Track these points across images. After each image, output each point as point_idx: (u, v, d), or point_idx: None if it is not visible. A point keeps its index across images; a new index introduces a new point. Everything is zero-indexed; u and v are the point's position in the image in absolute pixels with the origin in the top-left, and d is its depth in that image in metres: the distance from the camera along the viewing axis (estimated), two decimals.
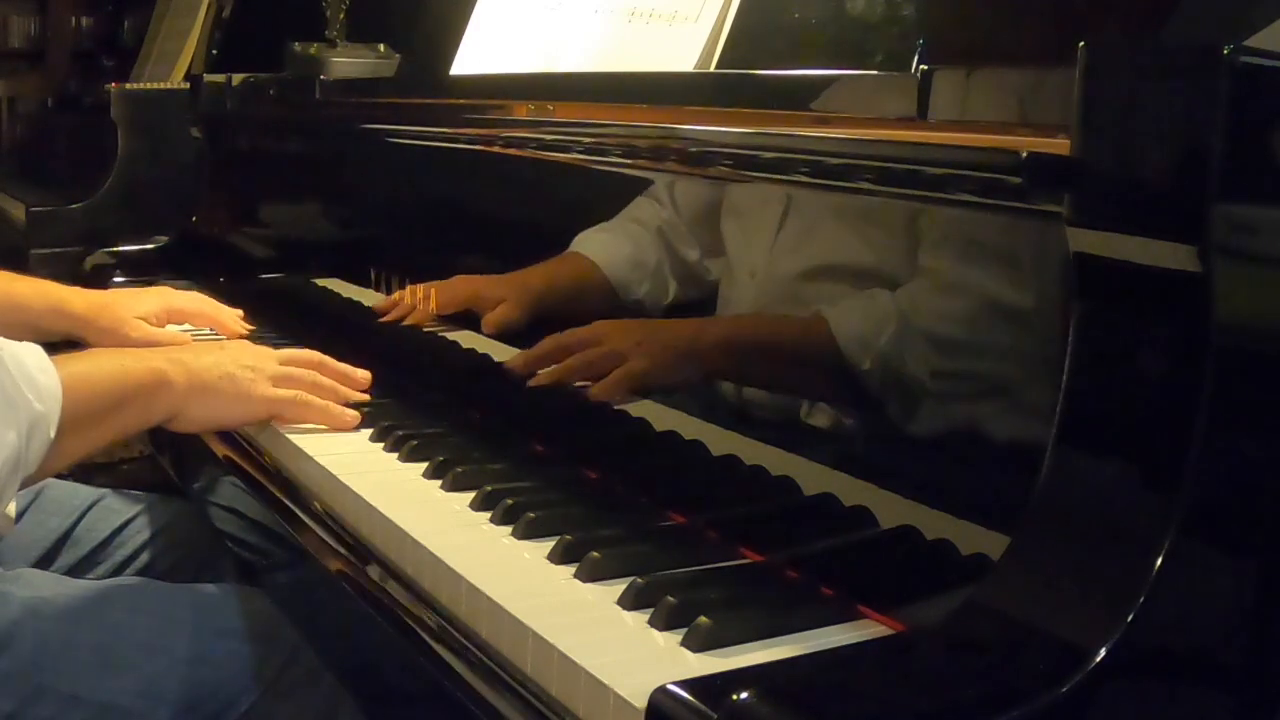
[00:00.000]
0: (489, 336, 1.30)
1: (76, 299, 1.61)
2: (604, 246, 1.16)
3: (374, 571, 0.98)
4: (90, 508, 1.50)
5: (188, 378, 1.19)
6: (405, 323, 1.47)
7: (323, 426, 1.24)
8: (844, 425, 0.90)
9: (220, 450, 1.32)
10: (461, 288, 1.38)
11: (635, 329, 1.12)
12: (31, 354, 1.06)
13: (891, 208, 0.85)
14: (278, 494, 1.18)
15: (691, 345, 1.07)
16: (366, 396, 1.30)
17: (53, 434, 1.04)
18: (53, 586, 1.21)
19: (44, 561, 1.43)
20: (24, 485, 1.06)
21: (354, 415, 1.25)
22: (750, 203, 1.00)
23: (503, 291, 1.30)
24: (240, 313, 1.71)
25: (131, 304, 1.62)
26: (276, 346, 1.35)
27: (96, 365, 1.15)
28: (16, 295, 1.60)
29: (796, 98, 0.99)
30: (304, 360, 1.29)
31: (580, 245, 1.18)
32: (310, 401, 1.24)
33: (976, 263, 0.81)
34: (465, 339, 1.35)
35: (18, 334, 1.60)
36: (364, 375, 1.32)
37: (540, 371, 1.18)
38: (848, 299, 0.90)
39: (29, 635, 1.10)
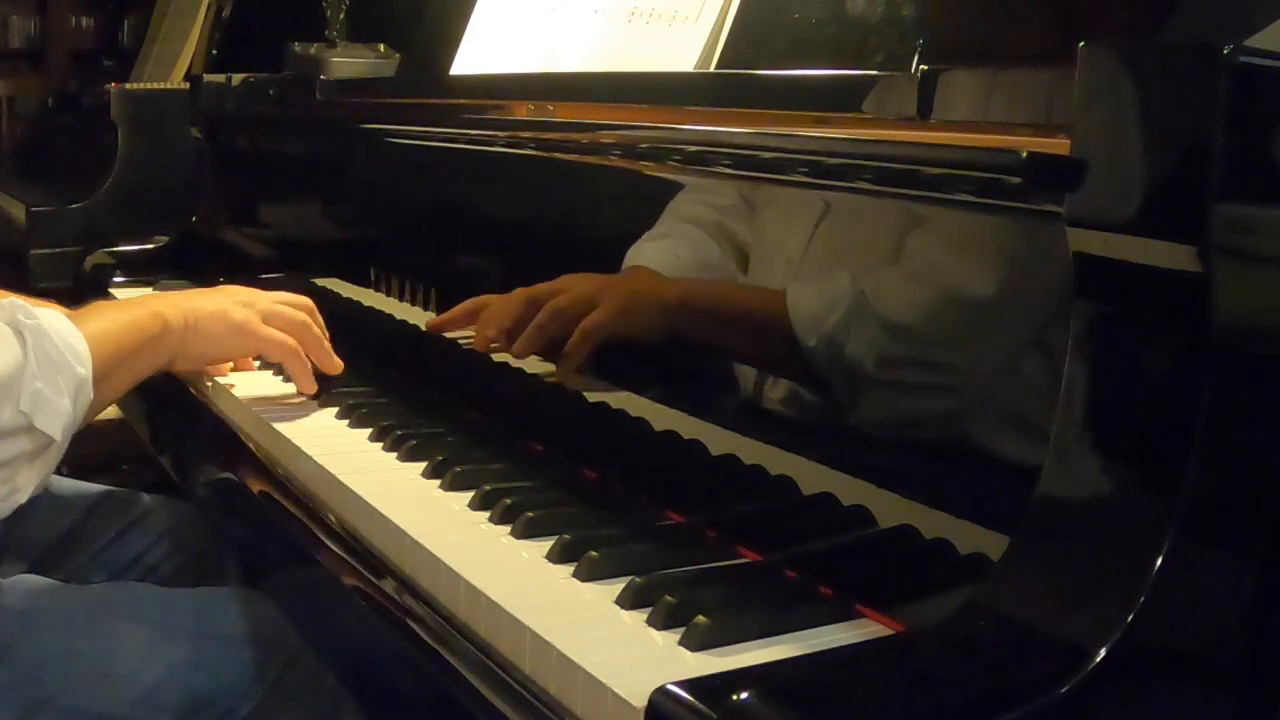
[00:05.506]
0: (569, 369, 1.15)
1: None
2: (664, 254, 1.08)
3: (373, 572, 0.98)
4: (94, 507, 1.49)
5: (183, 317, 1.25)
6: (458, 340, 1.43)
7: (317, 423, 1.25)
8: (843, 424, 0.90)
9: (217, 447, 1.32)
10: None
11: (599, 279, 1.11)
12: (60, 319, 1.10)
13: (934, 212, 0.84)
14: (275, 494, 1.18)
15: (655, 299, 1.06)
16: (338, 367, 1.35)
17: (93, 394, 1.09)
18: (50, 595, 1.21)
19: (47, 561, 1.43)
20: None
21: (315, 385, 1.31)
22: (786, 193, 0.97)
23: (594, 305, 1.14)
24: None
25: None
26: None
27: (110, 320, 1.19)
28: None
29: (796, 98, 0.99)
30: (298, 303, 1.35)
31: (639, 258, 1.09)
32: (296, 350, 1.29)
33: (949, 253, 0.82)
34: (464, 338, 1.35)
35: None
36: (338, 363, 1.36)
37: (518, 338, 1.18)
38: (814, 279, 0.91)
39: (27, 647, 1.10)
